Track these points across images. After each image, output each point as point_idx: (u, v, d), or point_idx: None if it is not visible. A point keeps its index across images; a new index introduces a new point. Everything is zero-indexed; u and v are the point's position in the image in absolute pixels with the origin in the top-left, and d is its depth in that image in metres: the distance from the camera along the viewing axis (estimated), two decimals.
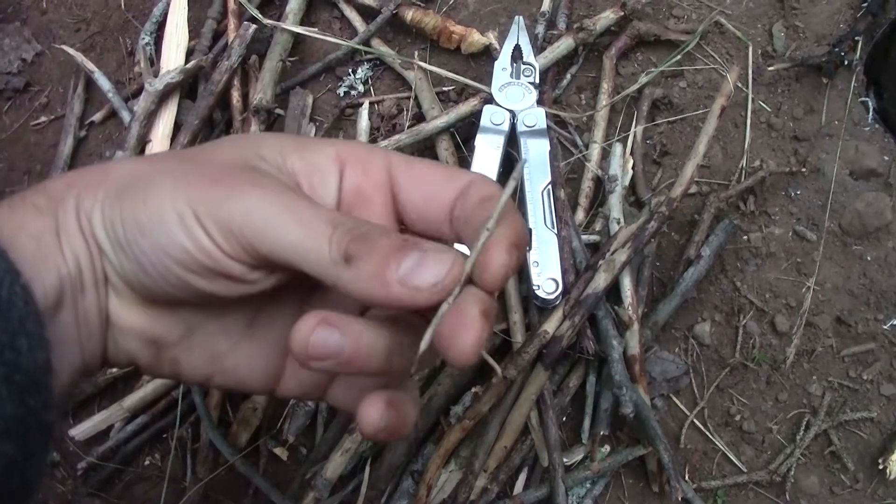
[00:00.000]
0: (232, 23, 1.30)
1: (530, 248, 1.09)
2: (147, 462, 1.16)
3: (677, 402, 1.15)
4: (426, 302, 0.44)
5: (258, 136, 0.54)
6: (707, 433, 1.15)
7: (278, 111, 1.25)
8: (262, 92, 1.21)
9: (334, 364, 0.46)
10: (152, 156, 0.55)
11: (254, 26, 1.25)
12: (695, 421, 1.15)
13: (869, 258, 1.21)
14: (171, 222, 0.46)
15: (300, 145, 0.54)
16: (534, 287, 1.07)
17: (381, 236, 0.45)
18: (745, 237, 1.21)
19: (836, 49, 1.24)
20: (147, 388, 1.11)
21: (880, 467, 1.12)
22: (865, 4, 1.30)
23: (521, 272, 1.11)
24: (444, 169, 0.54)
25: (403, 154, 0.55)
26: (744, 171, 1.23)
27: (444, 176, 0.53)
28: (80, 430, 1.10)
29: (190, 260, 0.47)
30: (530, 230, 1.10)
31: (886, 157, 1.24)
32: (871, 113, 1.27)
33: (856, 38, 1.28)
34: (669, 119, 1.26)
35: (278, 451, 1.09)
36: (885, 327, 1.19)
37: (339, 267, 0.44)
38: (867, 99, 1.28)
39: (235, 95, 1.25)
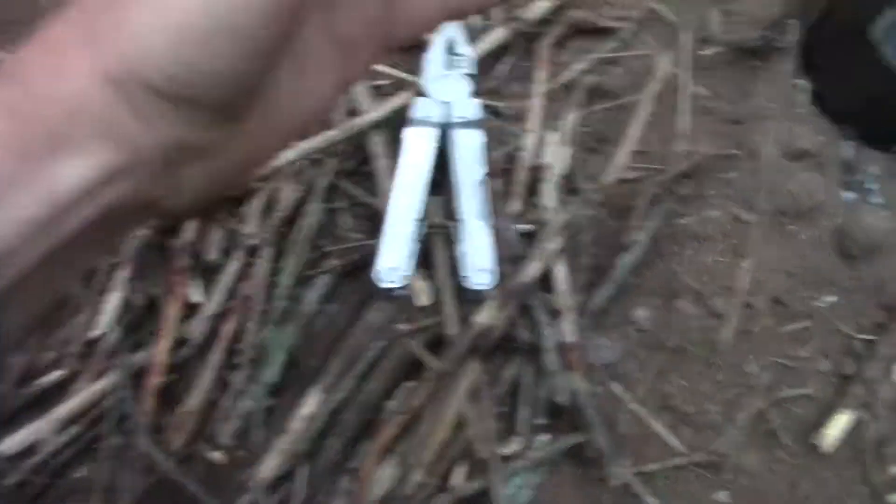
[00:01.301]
0: None
1: (460, 240, 1.07)
2: (79, 474, 1.12)
3: (616, 387, 1.13)
4: None
5: None
6: (646, 417, 1.12)
7: None
8: None
9: None
10: None
11: None
12: (633, 405, 1.12)
13: (804, 237, 1.19)
14: None
15: None
16: (465, 278, 1.06)
17: None
18: (682, 221, 1.19)
19: (771, 33, 1.22)
20: (77, 398, 1.08)
21: (815, 442, 1.10)
22: None
23: (453, 264, 1.08)
24: None
25: None
26: (680, 156, 1.20)
27: None
28: (8, 445, 1.07)
29: None
30: (461, 222, 1.07)
31: (821, 138, 1.22)
32: (804, 95, 1.24)
33: (790, 21, 1.25)
34: (606, 106, 1.24)
35: (214, 455, 1.06)
36: (819, 305, 1.17)
37: None
38: (801, 81, 1.25)
39: None
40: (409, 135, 1.13)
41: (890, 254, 1.21)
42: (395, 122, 1.19)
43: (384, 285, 1.06)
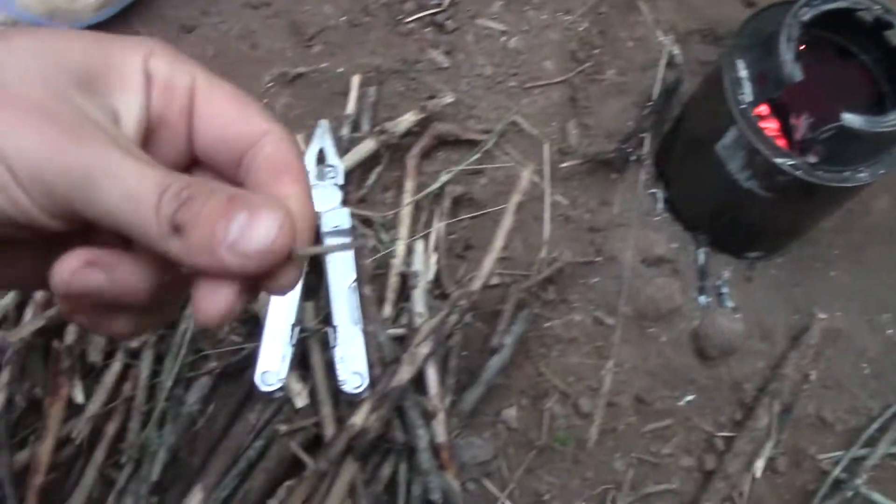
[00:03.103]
0: None
1: (335, 344, 1.26)
2: None
3: (488, 485, 1.32)
4: (258, 269, 0.43)
5: (54, 38, 0.47)
6: None
7: None
8: None
9: (95, 300, 0.46)
10: None
11: None
12: (505, 502, 1.31)
13: (663, 339, 1.40)
14: None
15: (105, 50, 0.48)
16: (340, 382, 1.21)
17: (209, 197, 0.43)
18: (548, 324, 1.39)
19: (625, 145, 1.47)
20: None
21: None
22: (650, 103, 1.52)
23: (329, 367, 1.28)
24: (242, 106, 0.50)
25: (209, 73, 0.51)
26: (544, 262, 1.41)
27: (241, 116, 0.50)
28: None
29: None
30: (335, 327, 1.26)
31: (674, 245, 1.45)
32: (660, 203, 1.50)
33: (642, 134, 1.49)
34: (472, 215, 1.44)
35: None
36: (680, 403, 1.38)
37: (168, 240, 0.42)
38: (656, 190, 1.52)
39: None
40: None
41: (744, 354, 1.41)
42: None
43: (263, 387, 1.19)
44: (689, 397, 1.39)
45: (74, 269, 0.44)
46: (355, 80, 1.49)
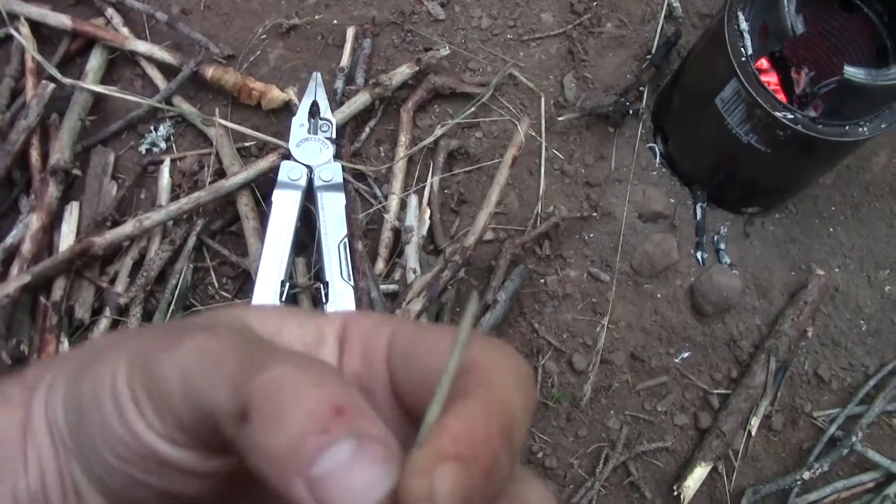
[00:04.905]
0: (30, 81, 1.34)
1: (326, 301, 1.20)
2: None
3: None
4: None
5: (250, 307, 0.38)
6: None
7: (76, 172, 1.29)
8: (59, 152, 1.25)
9: None
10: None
11: (52, 85, 1.29)
12: None
13: (659, 296, 1.34)
14: (103, 397, 0.34)
15: (301, 315, 0.38)
16: None
17: (306, 392, 0.29)
18: (542, 280, 1.33)
19: (623, 99, 1.39)
20: None
21: (675, 493, 1.26)
22: (649, 56, 1.46)
23: None
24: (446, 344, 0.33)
25: (414, 323, 0.38)
26: (539, 217, 1.34)
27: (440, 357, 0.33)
28: None
29: (124, 448, 0.33)
30: (326, 283, 1.20)
31: (672, 200, 1.38)
32: (658, 157, 1.43)
33: (641, 88, 1.42)
34: (466, 169, 1.37)
35: None
36: (676, 361, 1.32)
37: (232, 422, 0.30)
38: (654, 145, 1.44)
39: (34, 154, 1.28)
40: (275, 197, 1.23)
41: (740, 311, 1.35)
42: (262, 184, 1.30)
43: None
44: (685, 354, 1.33)
45: None
46: (350, 33, 1.41)
